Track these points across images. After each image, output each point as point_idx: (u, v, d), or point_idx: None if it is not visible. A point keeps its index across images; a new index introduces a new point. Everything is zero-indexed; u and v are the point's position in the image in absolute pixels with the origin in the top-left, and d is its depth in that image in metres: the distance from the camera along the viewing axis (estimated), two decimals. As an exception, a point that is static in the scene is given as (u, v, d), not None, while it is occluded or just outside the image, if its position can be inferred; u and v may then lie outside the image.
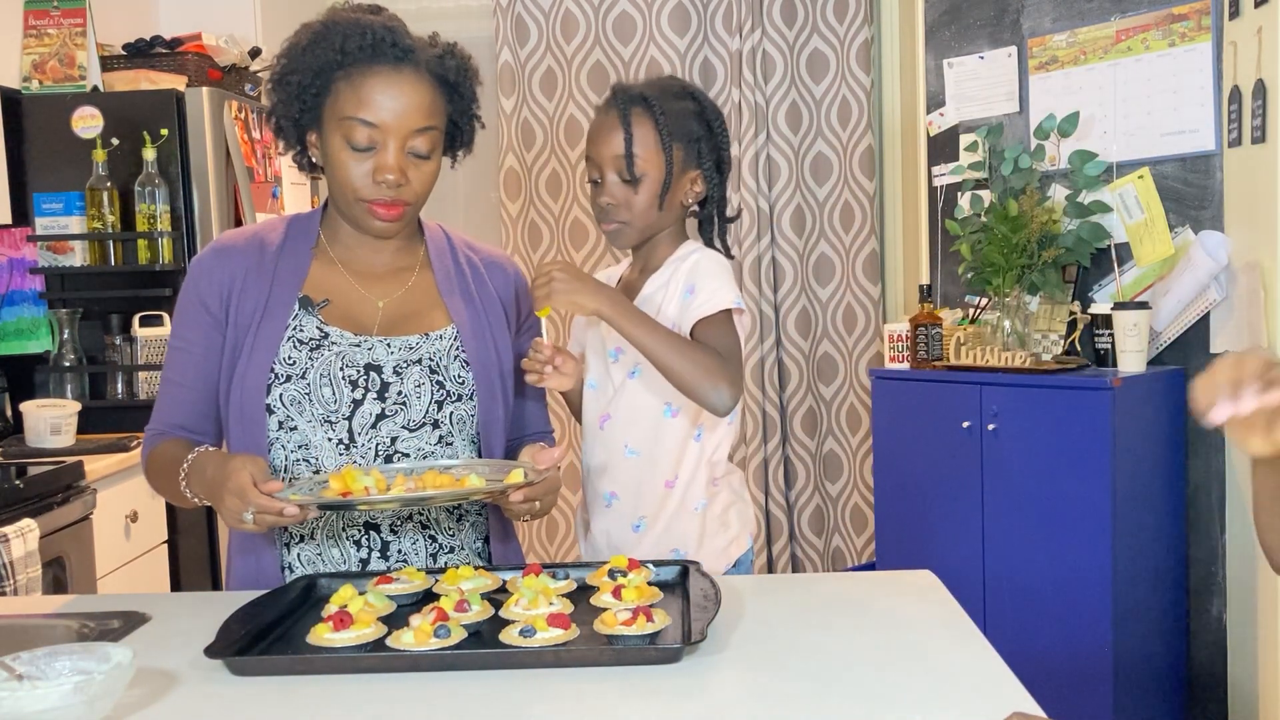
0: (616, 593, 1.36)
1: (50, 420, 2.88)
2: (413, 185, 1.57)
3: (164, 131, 3.15)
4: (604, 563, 1.48)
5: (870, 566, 3.72)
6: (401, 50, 1.55)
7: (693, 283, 1.74)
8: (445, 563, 1.64)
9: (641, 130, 1.72)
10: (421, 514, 1.62)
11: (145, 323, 3.14)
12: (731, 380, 1.66)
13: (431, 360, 1.62)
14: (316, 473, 1.58)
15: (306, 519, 1.44)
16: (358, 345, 1.60)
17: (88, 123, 3.16)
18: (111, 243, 3.14)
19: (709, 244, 1.86)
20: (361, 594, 1.37)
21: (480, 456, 1.67)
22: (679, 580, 1.47)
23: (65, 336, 3.16)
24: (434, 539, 1.64)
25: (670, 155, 1.73)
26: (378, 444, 1.59)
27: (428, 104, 1.57)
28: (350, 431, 1.58)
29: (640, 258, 1.84)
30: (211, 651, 1.24)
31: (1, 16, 3.17)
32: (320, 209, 1.71)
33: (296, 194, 3.61)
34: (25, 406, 2.93)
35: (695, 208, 1.84)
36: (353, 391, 1.58)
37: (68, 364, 3.16)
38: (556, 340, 1.74)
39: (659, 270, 1.80)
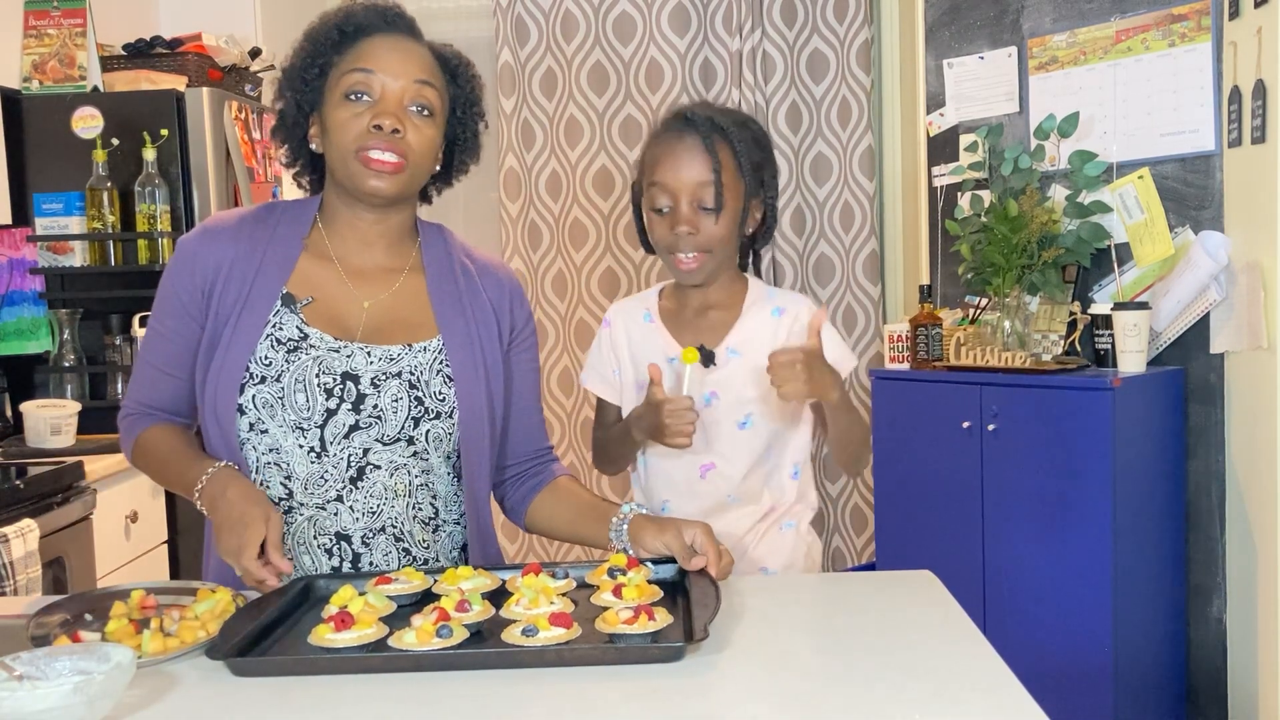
0: (617, 591, 1.36)
1: (50, 420, 2.88)
2: (410, 142, 1.53)
3: (164, 132, 3.15)
4: (603, 561, 1.48)
5: (870, 566, 3.72)
6: (405, 23, 1.57)
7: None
8: None
9: (724, 156, 1.69)
10: (394, 525, 1.58)
11: (145, 323, 3.13)
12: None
13: (412, 374, 1.56)
14: (288, 478, 1.55)
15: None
16: (337, 351, 1.55)
17: (88, 123, 3.16)
18: (111, 243, 3.15)
19: (744, 269, 1.87)
20: (361, 594, 1.37)
21: (460, 475, 1.63)
22: (679, 579, 1.46)
23: (65, 337, 3.16)
24: (408, 552, 1.59)
25: (747, 181, 1.73)
26: (350, 455, 1.54)
27: (428, 64, 1.57)
28: (322, 440, 1.54)
29: (696, 293, 1.80)
30: (213, 652, 1.24)
31: (1, 16, 3.17)
32: (319, 196, 1.66)
33: (296, 195, 3.61)
34: (25, 406, 2.93)
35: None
36: (327, 400, 1.53)
37: (68, 364, 3.16)
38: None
39: (748, 310, 1.79)
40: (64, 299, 3.21)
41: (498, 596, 1.39)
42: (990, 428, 2.95)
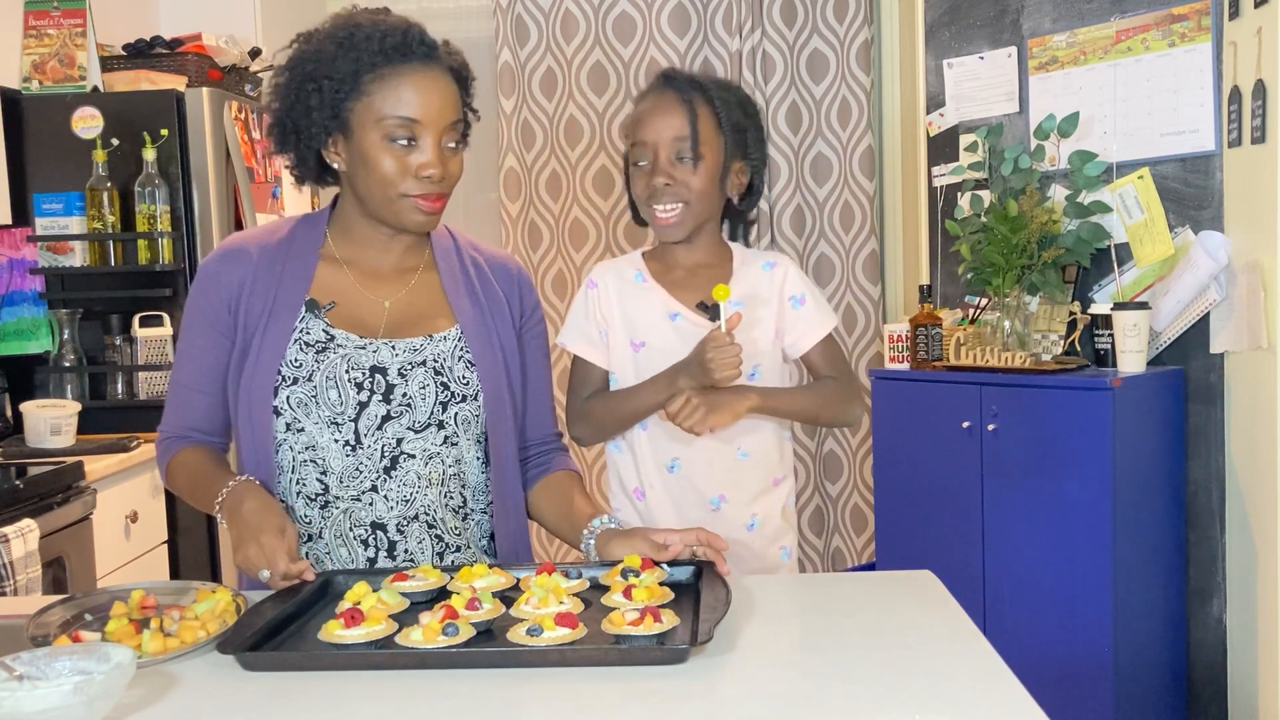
0: (627, 593, 1.36)
1: (50, 420, 2.88)
2: (451, 174, 1.60)
3: (164, 132, 3.15)
4: (618, 562, 1.48)
5: (870, 566, 3.73)
6: (427, 48, 1.59)
7: (800, 293, 1.80)
8: (453, 561, 1.65)
9: (702, 112, 1.72)
10: (428, 513, 1.63)
11: (145, 323, 3.14)
12: (860, 396, 1.81)
13: (436, 362, 1.63)
14: (324, 473, 1.60)
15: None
16: (363, 348, 1.61)
17: (88, 123, 3.16)
18: (111, 243, 3.15)
19: (734, 239, 1.88)
20: (376, 591, 1.37)
21: (487, 458, 1.68)
22: (693, 581, 1.47)
23: (65, 337, 3.16)
24: (440, 538, 1.64)
25: (727, 139, 1.74)
26: (384, 445, 1.60)
27: (455, 98, 1.61)
28: (356, 433, 1.60)
29: (682, 253, 1.80)
30: (223, 647, 1.24)
31: (1, 16, 3.17)
32: (328, 209, 1.71)
33: (296, 194, 3.61)
34: (25, 407, 2.93)
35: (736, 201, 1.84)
36: (358, 394, 1.60)
37: (68, 364, 3.16)
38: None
39: (740, 268, 1.80)
40: (64, 299, 3.21)
41: (512, 595, 1.40)
42: (990, 428, 2.96)
